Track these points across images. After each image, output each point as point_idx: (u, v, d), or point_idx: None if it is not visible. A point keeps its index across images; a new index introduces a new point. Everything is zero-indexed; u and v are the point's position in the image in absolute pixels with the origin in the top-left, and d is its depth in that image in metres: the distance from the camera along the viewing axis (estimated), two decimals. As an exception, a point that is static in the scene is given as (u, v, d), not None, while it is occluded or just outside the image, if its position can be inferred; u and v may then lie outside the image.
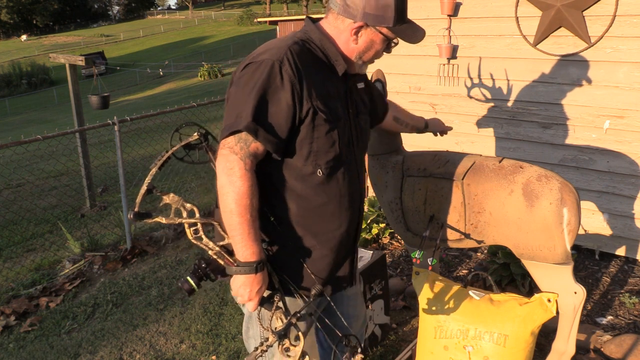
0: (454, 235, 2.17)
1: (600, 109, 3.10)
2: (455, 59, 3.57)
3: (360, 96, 1.63)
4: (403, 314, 2.97)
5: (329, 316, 1.64)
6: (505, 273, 2.98)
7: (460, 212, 2.11)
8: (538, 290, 2.12)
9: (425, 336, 2.14)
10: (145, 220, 1.39)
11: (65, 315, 3.46)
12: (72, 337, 3.19)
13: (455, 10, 3.46)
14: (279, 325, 1.36)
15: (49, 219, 5.75)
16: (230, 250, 1.40)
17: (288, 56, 1.38)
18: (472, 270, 3.35)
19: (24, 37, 63.44)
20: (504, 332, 1.97)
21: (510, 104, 3.42)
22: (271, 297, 1.43)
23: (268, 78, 1.36)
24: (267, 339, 1.32)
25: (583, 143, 3.20)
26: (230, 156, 1.34)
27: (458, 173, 2.11)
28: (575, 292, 2.07)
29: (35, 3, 64.86)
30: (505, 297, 2.07)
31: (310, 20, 1.55)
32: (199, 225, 1.41)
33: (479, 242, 2.13)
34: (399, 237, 3.32)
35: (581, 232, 3.30)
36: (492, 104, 3.50)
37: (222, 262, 1.41)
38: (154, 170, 1.43)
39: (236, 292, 1.41)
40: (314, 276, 1.52)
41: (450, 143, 3.67)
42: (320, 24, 1.53)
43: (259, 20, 28.78)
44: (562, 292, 2.06)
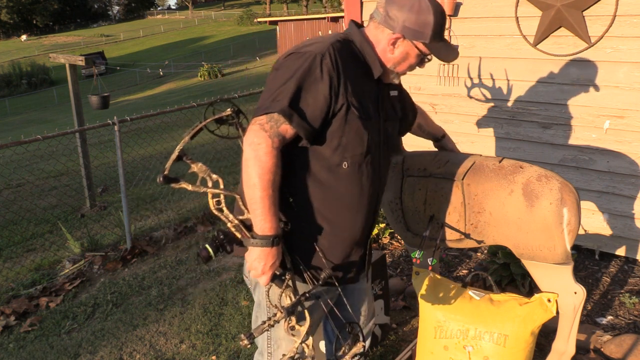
0: (454, 235, 2.17)
1: (600, 109, 3.10)
2: (455, 59, 3.57)
3: (392, 103, 1.71)
4: (403, 314, 2.97)
5: (337, 306, 1.68)
6: (505, 273, 2.98)
7: (460, 212, 2.11)
8: (538, 290, 2.12)
9: (425, 336, 2.14)
10: (172, 185, 1.43)
11: (65, 315, 3.46)
12: (72, 337, 3.19)
13: (455, 10, 3.46)
14: (287, 303, 1.42)
15: (49, 219, 5.75)
16: (248, 224, 1.45)
17: (330, 51, 1.46)
18: (472, 270, 3.35)
19: (24, 37, 63.44)
20: (504, 332, 1.97)
21: (510, 104, 3.42)
22: (282, 275, 1.47)
23: (309, 69, 1.43)
24: (275, 315, 1.38)
25: (583, 143, 3.20)
26: (260, 132, 1.40)
27: (458, 173, 2.11)
28: (575, 292, 2.06)
29: (35, 3, 64.86)
30: (505, 297, 2.07)
31: (355, 24, 1.63)
32: (221, 196, 1.46)
33: (479, 242, 2.13)
34: (399, 237, 3.32)
35: (581, 232, 3.30)
36: (492, 104, 3.50)
37: (239, 235, 1.46)
38: (186, 138, 1.47)
39: (250, 266, 1.45)
40: (325, 261, 1.57)
41: (450, 143, 3.67)
42: (362, 29, 1.62)
43: (259, 20, 28.81)
44: (562, 292, 2.06)
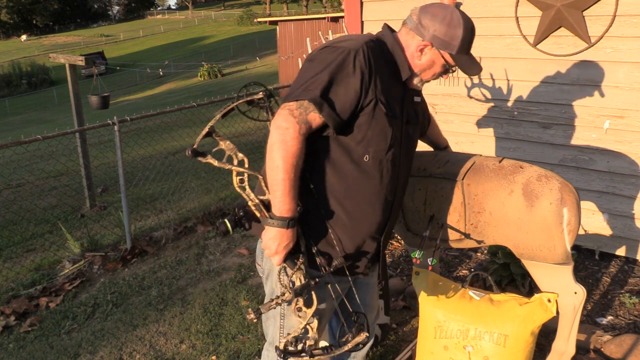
0: (454, 235, 2.17)
1: (600, 109, 3.10)
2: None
3: (414, 108, 1.77)
4: (403, 314, 2.97)
5: (346, 296, 1.71)
6: (505, 273, 2.98)
7: (460, 212, 2.11)
8: (538, 290, 2.12)
9: (425, 336, 2.14)
10: (199, 158, 1.47)
11: (65, 315, 3.46)
12: (72, 337, 3.19)
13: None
14: (297, 285, 1.48)
15: (49, 219, 5.75)
16: (267, 205, 1.50)
17: (364, 49, 1.51)
18: (472, 270, 3.35)
19: (24, 37, 63.43)
20: (504, 332, 1.98)
21: (510, 104, 3.42)
22: (295, 258, 1.51)
23: (342, 62, 1.48)
24: (284, 294, 1.44)
25: (583, 143, 3.20)
26: (289, 117, 1.44)
27: (458, 173, 2.11)
28: (576, 292, 2.06)
29: (35, 3, 64.85)
30: (505, 297, 2.07)
31: (388, 27, 1.71)
32: (245, 175, 1.50)
33: (479, 242, 2.13)
34: (399, 237, 3.32)
35: (581, 232, 3.30)
36: (492, 104, 3.50)
37: (258, 214, 1.50)
38: (218, 116, 1.51)
39: (265, 245, 1.49)
40: (337, 249, 1.61)
41: (450, 143, 3.66)
42: (395, 33, 1.68)
43: (259, 20, 28.73)
44: (562, 292, 2.06)
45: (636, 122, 3.00)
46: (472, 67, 1.67)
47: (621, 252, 3.24)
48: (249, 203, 1.51)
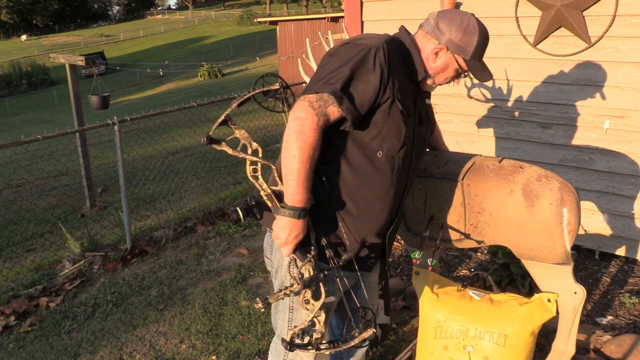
0: (454, 236, 2.17)
1: (600, 109, 3.10)
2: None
3: (426, 109, 1.80)
4: (403, 314, 2.97)
5: (353, 291, 1.72)
6: (505, 273, 2.98)
7: (460, 213, 2.11)
8: (538, 290, 2.12)
9: (425, 336, 2.14)
10: (214, 146, 1.48)
11: (65, 315, 3.46)
12: (72, 337, 3.19)
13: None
14: (306, 277, 1.49)
15: (49, 219, 5.75)
16: (279, 195, 1.51)
17: (384, 47, 1.54)
18: (472, 270, 3.35)
19: (24, 37, 63.42)
20: (504, 332, 1.97)
21: (510, 104, 3.42)
22: (305, 250, 1.52)
23: (363, 59, 1.51)
24: (292, 285, 1.45)
25: (583, 143, 3.20)
26: (308, 109, 1.46)
27: (458, 173, 2.11)
28: (575, 292, 2.06)
29: (35, 3, 64.84)
30: (505, 297, 2.07)
31: (405, 29, 1.75)
32: (258, 164, 1.52)
33: (479, 242, 2.13)
34: (399, 237, 3.32)
35: (581, 232, 3.30)
36: (492, 104, 3.50)
37: (269, 204, 1.51)
38: (234, 105, 1.52)
39: (275, 235, 1.51)
40: (349, 242, 1.62)
41: (450, 143, 3.66)
42: (412, 35, 1.72)
43: (259, 20, 28.74)
44: (562, 292, 2.06)
45: (636, 122, 3.00)
46: (484, 73, 1.71)
47: (621, 252, 3.24)
48: (261, 192, 1.52)
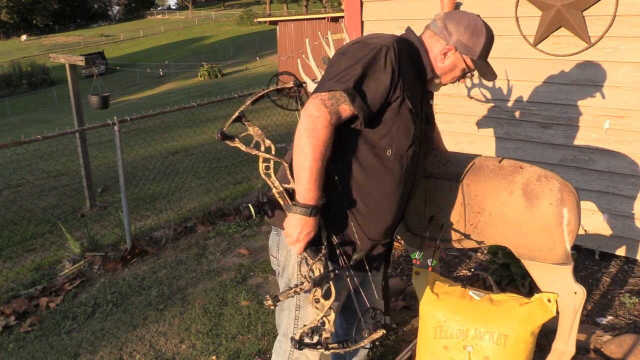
0: (454, 236, 2.17)
1: (600, 109, 3.10)
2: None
3: (430, 109, 1.82)
4: (403, 314, 2.97)
5: (361, 291, 1.73)
6: (505, 273, 2.98)
7: (460, 213, 2.11)
8: (538, 290, 2.12)
9: (425, 336, 2.14)
10: (227, 142, 1.49)
11: (65, 315, 3.46)
12: (72, 337, 3.19)
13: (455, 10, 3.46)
14: (316, 275, 1.49)
15: (49, 219, 5.75)
16: (290, 193, 1.52)
17: (395, 46, 1.56)
18: (472, 270, 3.35)
19: (24, 37, 63.41)
20: (504, 332, 1.97)
21: (510, 104, 3.42)
22: (316, 248, 1.52)
23: (374, 58, 1.52)
24: (302, 283, 1.45)
25: (583, 143, 3.20)
26: (321, 106, 1.46)
27: (458, 173, 2.11)
28: (576, 292, 2.06)
29: (35, 3, 64.83)
30: (505, 297, 2.07)
31: (412, 30, 1.78)
32: (271, 162, 1.52)
33: (479, 242, 2.13)
34: (399, 237, 3.32)
35: (581, 232, 3.30)
36: (492, 104, 3.50)
37: (281, 202, 1.52)
38: (248, 102, 1.52)
39: (287, 232, 1.52)
40: (360, 240, 1.63)
41: (450, 143, 3.67)
42: (419, 36, 1.75)
43: (259, 20, 28.75)
44: (562, 292, 2.06)
45: (636, 122, 2.99)
46: (489, 72, 1.75)
47: (621, 252, 3.24)
48: (273, 190, 1.52)
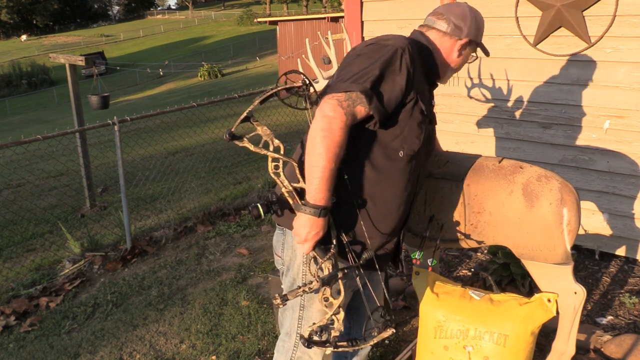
0: (454, 236, 2.17)
1: (600, 109, 3.10)
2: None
3: (433, 109, 1.84)
4: (403, 314, 2.97)
5: (366, 289, 1.72)
6: (505, 273, 2.98)
7: (460, 213, 2.11)
8: (538, 290, 2.12)
9: (425, 336, 2.14)
10: (235, 142, 1.48)
11: (65, 315, 3.46)
12: (72, 337, 3.19)
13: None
14: (325, 274, 1.48)
15: (49, 219, 5.75)
16: (299, 192, 1.52)
17: (409, 48, 1.58)
18: (472, 270, 3.35)
19: (24, 37, 63.42)
20: (504, 332, 1.97)
21: (510, 104, 3.42)
22: (326, 247, 1.52)
23: (390, 59, 1.53)
24: (311, 282, 1.44)
25: (583, 143, 3.20)
26: (337, 107, 1.46)
27: (458, 173, 2.11)
28: (576, 292, 2.06)
29: (35, 3, 64.83)
30: (505, 297, 2.07)
31: (419, 32, 1.82)
32: (280, 161, 1.52)
33: (479, 242, 2.13)
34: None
35: (581, 232, 3.30)
36: (492, 104, 3.50)
37: (290, 201, 1.52)
38: (256, 102, 1.52)
39: (295, 232, 1.51)
40: (370, 241, 1.63)
41: (450, 143, 3.67)
42: (428, 37, 1.78)
43: (259, 20, 28.73)
44: (562, 292, 2.06)
45: (636, 122, 2.99)
46: (485, 49, 1.87)
47: (621, 252, 3.24)
48: (283, 190, 1.51)
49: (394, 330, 1.50)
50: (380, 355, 2.62)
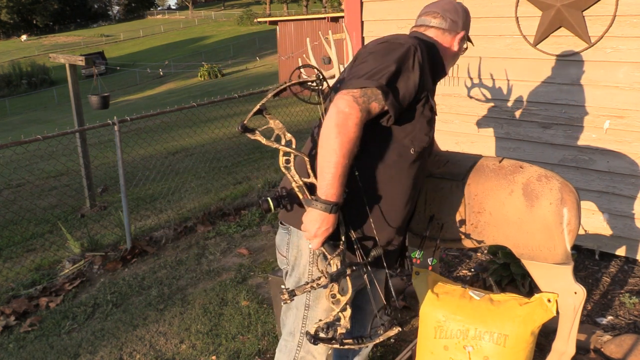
0: (454, 236, 2.17)
1: (600, 109, 3.10)
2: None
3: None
4: (403, 314, 2.97)
5: (373, 287, 1.71)
6: (505, 273, 2.98)
7: (460, 212, 2.11)
8: (538, 290, 2.12)
9: (425, 336, 2.14)
10: (248, 134, 1.47)
11: (65, 315, 3.46)
12: (72, 337, 3.19)
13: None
14: (333, 270, 1.47)
15: (49, 219, 5.75)
16: (309, 188, 1.51)
17: (420, 46, 1.60)
18: (472, 270, 3.35)
19: (24, 37, 63.41)
20: (504, 332, 1.97)
21: (510, 104, 3.42)
22: (335, 244, 1.51)
23: (404, 56, 1.55)
24: (320, 278, 1.43)
25: (583, 143, 3.20)
26: (353, 103, 1.45)
27: (458, 173, 2.11)
28: (576, 292, 2.06)
29: (35, 3, 64.83)
30: (505, 297, 2.07)
31: (420, 32, 1.84)
32: (291, 156, 1.51)
33: (479, 242, 2.13)
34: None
35: (581, 232, 3.30)
36: (492, 104, 3.50)
37: (300, 196, 1.51)
38: (269, 95, 1.51)
39: (305, 227, 1.50)
40: (378, 236, 1.62)
41: (450, 143, 3.67)
42: (427, 35, 1.80)
43: (259, 20, 28.76)
44: (562, 292, 2.06)
45: (636, 122, 3.00)
46: (470, 39, 1.92)
47: (621, 252, 3.24)
48: (293, 184, 1.50)
49: (400, 329, 1.49)
50: (381, 355, 2.62)
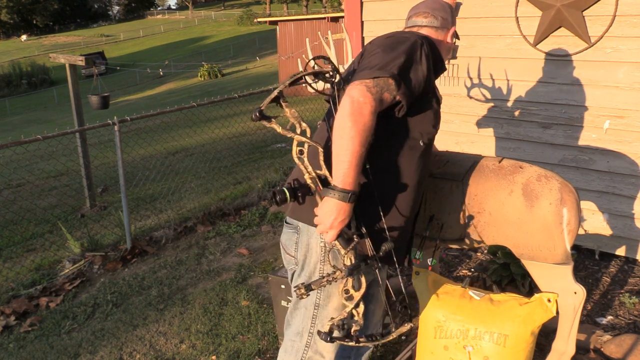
0: (454, 236, 2.17)
1: (600, 109, 3.10)
2: (455, 59, 3.57)
3: None
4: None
5: (377, 285, 1.73)
6: (505, 273, 2.98)
7: (460, 212, 2.11)
8: (538, 290, 2.12)
9: (425, 336, 2.14)
10: (263, 122, 1.46)
11: (65, 315, 3.46)
12: (72, 337, 3.19)
13: (455, 10, 3.46)
14: (347, 265, 1.45)
15: (49, 219, 5.75)
16: (322, 180, 1.49)
17: (426, 40, 1.65)
18: (472, 270, 3.35)
19: (24, 37, 63.42)
20: (504, 332, 1.97)
21: (510, 104, 3.42)
22: (348, 237, 1.48)
23: (412, 49, 1.58)
24: (335, 272, 1.41)
25: (583, 143, 3.20)
26: (366, 93, 1.45)
27: (458, 173, 2.11)
28: (575, 292, 2.06)
29: (35, 3, 64.84)
30: (505, 297, 2.07)
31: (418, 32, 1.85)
32: (305, 146, 1.49)
33: (479, 242, 2.13)
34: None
35: (581, 232, 3.30)
36: (492, 104, 3.50)
37: (313, 187, 1.49)
38: (287, 82, 1.51)
39: (320, 219, 1.46)
40: (389, 231, 1.61)
41: (450, 143, 3.67)
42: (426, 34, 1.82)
43: (259, 20, 28.75)
44: (562, 292, 2.06)
45: (636, 122, 3.00)
46: (457, 33, 1.95)
47: (621, 252, 3.25)
48: (306, 176, 1.48)
49: (412, 325, 1.48)
50: (381, 355, 2.62)
